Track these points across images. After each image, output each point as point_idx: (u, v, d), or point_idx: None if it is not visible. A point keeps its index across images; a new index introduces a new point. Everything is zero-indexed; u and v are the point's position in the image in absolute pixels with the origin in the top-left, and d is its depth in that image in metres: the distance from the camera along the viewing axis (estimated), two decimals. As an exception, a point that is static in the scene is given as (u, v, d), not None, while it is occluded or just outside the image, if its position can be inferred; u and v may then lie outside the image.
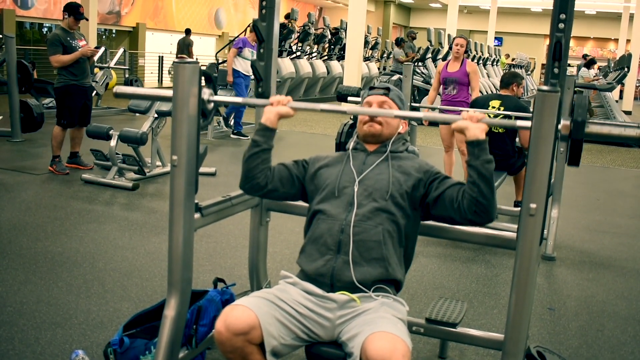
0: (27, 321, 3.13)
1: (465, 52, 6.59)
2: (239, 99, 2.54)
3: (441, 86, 6.63)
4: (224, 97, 2.53)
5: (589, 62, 16.54)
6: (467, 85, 6.47)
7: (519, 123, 2.11)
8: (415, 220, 2.28)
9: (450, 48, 9.16)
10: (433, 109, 6.53)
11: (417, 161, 2.34)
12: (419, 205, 2.26)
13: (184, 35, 18.60)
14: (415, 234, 2.33)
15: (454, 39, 6.81)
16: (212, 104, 2.37)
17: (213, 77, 2.39)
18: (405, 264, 2.29)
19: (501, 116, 5.01)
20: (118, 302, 3.43)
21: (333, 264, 2.15)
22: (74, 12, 6.36)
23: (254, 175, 2.33)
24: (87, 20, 7.57)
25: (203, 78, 2.33)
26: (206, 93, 2.33)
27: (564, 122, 2.00)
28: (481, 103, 5.41)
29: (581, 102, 1.93)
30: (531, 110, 1.95)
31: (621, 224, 5.99)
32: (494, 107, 5.19)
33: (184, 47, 17.96)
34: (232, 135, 9.83)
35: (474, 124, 2.08)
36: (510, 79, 5.46)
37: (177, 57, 11.72)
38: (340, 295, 2.12)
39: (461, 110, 6.32)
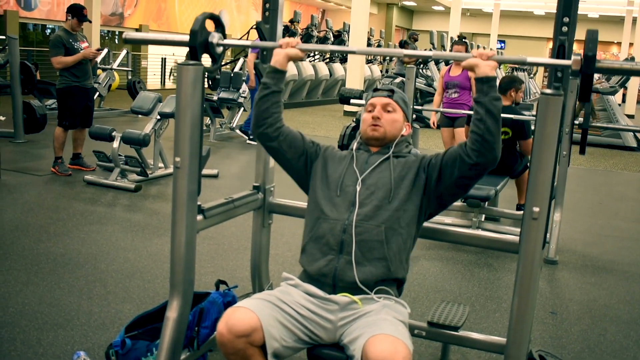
0: (29, 322, 3.13)
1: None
2: (247, 42, 2.54)
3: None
4: (233, 40, 2.51)
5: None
6: (468, 89, 6.55)
7: (529, 59, 2.09)
8: (417, 219, 2.27)
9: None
10: (437, 111, 6.54)
11: (417, 157, 2.35)
12: (423, 196, 2.25)
13: None
14: (417, 233, 2.32)
15: (452, 44, 6.84)
16: (221, 48, 2.37)
17: (221, 21, 2.39)
18: (406, 262, 2.28)
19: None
20: (120, 304, 3.43)
21: (335, 264, 2.15)
22: (78, 13, 6.37)
23: (264, 118, 2.36)
24: (90, 22, 7.57)
25: (212, 21, 2.35)
26: (215, 37, 2.33)
27: (575, 58, 1.98)
28: None
29: (592, 36, 1.91)
30: (534, 113, 1.95)
31: (623, 228, 5.98)
32: None
33: None
34: (248, 142, 9.65)
35: (484, 61, 2.09)
36: (507, 84, 5.28)
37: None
38: (342, 297, 2.12)
39: (462, 112, 6.36)
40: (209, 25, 2.33)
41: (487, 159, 2.12)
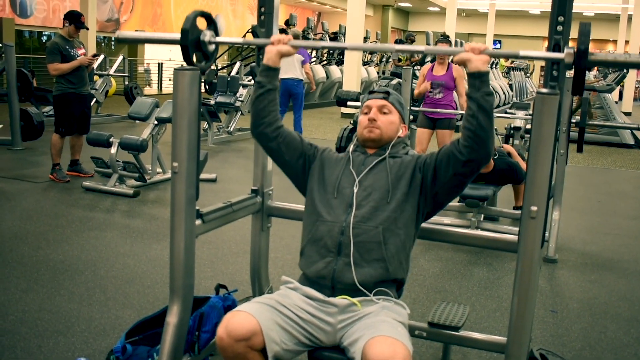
0: (29, 329, 3.13)
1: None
2: (238, 39, 2.53)
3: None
4: (226, 38, 2.51)
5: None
6: (452, 90, 6.51)
7: (522, 53, 2.10)
8: (415, 220, 2.27)
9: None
10: (434, 112, 6.50)
11: (413, 157, 2.35)
12: (420, 196, 2.25)
13: None
14: (416, 233, 2.32)
15: (436, 42, 6.80)
16: (213, 46, 2.37)
17: (213, 19, 2.38)
18: (405, 263, 2.28)
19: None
20: (120, 310, 3.43)
21: (334, 266, 2.15)
22: (75, 20, 6.37)
23: (262, 117, 2.36)
24: (87, 29, 7.58)
25: (204, 19, 2.34)
26: (207, 35, 2.32)
27: (568, 51, 1.98)
28: None
29: (585, 29, 1.91)
30: (530, 112, 1.95)
31: (622, 226, 5.99)
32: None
33: None
34: None
35: (477, 56, 2.08)
36: None
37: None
38: (341, 300, 2.12)
39: (446, 112, 6.35)
40: (201, 23, 2.32)
41: (479, 155, 2.12)
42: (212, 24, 2.37)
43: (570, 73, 2.84)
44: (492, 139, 2.13)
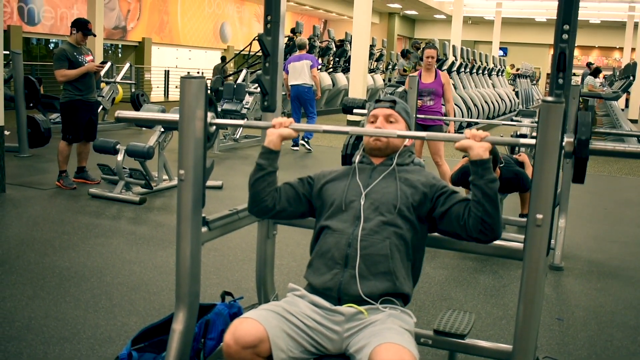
0: (35, 336, 3.14)
1: (438, 60, 6.75)
2: (240, 122, 2.55)
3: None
4: (225, 120, 2.53)
5: (595, 71, 16.54)
6: (441, 96, 6.60)
7: (522, 141, 2.11)
8: (422, 234, 2.28)
9: (421, 58, 9.30)
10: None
11: (424, 174, 2.34)
12: (425, 219, 2.26)
13: (220, 62, 18.63)
14: (423, 247, 2.32)
15: (423, 49, 6.85)
16: (214, 127, 2.39)
17: (214, 99, 2.40)
18: (413, 278, 2.28)
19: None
20: (126, 317, 3.44)
21: (340, 278, 2.15)
22: (83, 27, 6.41)
23: (261, 198, 2.34)
24: (94, 36, 7.61)
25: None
26: (208, 116, 2.34)
27: (568, 139, 2.00)
28: None
29: (584, 119, 1.92)
30: (536, 120, 1.96)
31: (629, 233, 5.97)
32: None
33: (219, 73, 18.09)
34: (301, 144, 10.10)
35: (478, 143, 2.08)
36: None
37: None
38: (348, 308, 2.12)
39: (438, 120, 6.37)
40: None
41: (487, 237, 2.14)
42: (212, 105, 2.38)
43: (576, 80, 2.85)
44: (499, 223, 2.12)
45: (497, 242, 2.48)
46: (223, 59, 18.90)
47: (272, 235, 2.95)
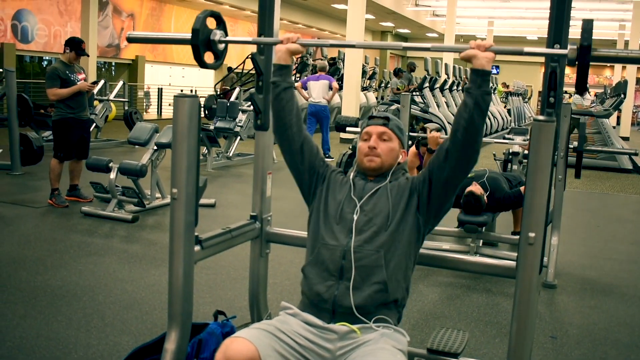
0: (26, 356, 3.11)
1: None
2: (248, 38, 2.61)
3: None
4: (236, 38, 2.57)
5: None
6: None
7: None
8: (415, 240, 2.28)
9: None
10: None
11: (408, 177, 2.38)
12: (419, 210, 2.27)
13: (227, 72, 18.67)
14: (416, 253, 2.33)
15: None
16: (222, 45, 2.42)
17: (222, 19, 2.44)
18: (404, 282, 2.27)
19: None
20: (118, 336, 3.41)
21: (335, 291, 2.16)
22: (76, 47, 6.42)
23: (285, 116, 2.42)
24: (88, 56, 7.63)
25: (214, 19, 2.40)
26: (217, 34, 2.38)
27: (571, 47, 1.99)
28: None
29: (587, 26, 1.92)
30: (527, 138, 1.97)
31: (622, 250, 5.98)
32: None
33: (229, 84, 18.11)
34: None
35: (482, 53, 2.11)
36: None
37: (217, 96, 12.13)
38: (341, 327, 2.11)
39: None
40: (211, 23, 2.38)
41: (467, 153, 2.16)
42: (221, 23, 2.41)
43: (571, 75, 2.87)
44: (480, 137, 2.15)
45: (490, 260, 2.50)
46: (230, 69, 18.92)
47: (265, 253, 2.95)
